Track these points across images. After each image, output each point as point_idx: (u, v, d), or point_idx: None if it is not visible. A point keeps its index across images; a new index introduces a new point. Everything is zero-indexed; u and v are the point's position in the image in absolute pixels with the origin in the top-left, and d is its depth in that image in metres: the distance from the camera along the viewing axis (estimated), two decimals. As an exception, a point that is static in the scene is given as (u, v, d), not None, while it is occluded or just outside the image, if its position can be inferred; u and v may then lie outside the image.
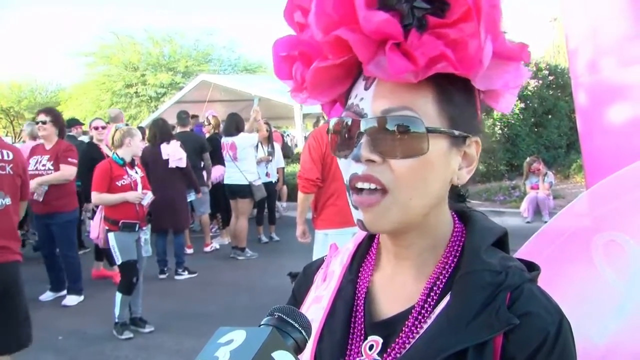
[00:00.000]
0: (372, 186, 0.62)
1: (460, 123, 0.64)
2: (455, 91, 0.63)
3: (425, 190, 0.63)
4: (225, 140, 6.49)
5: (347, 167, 0.64)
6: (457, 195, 0.68)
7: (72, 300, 5.01)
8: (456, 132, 0.64)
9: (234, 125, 6.47)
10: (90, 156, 5.14)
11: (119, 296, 4.10)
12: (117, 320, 4.13)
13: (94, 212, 4.80)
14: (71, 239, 5.11)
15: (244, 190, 6.42)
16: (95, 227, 4.40)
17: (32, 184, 4.69)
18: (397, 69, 0.58)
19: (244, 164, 6.39)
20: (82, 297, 5.07)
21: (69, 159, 4.85)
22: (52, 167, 4.82)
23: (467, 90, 0.64)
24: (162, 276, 5.85)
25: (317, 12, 0.60)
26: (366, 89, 0.64)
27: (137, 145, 4.26)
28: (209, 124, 7.68)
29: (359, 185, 0.62)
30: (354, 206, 0.64)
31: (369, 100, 0.63)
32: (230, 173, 6.47)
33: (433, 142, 0.61)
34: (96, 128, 5.98)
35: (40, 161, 4.85)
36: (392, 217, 0.63)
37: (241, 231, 6.54)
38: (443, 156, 0.63)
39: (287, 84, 0.70)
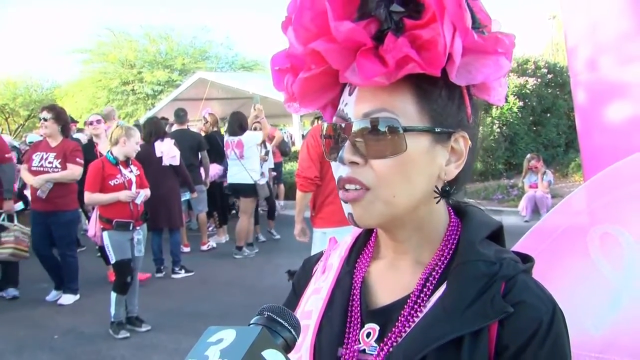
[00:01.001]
0: (357, 187, 0.65)
1: (443, 119, 0.66)
2: (434, 89, 0.65)
3: (409, 187, 0.65)
4: (230, 139, 6.43)
5: (336, 170, 0.68)
6: (441, 190, 0.68)
7: (67, 299, 4.96)
8: (437, 129, 0.65)
9: (238, 123, 6.46)
10: (85, 157, 5.10)
11: (113, 295, 4.08)
12: (113, 320, 4.11)
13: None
14: (72, 238, 5.08)
15: (247, 189, 6.41)
16: (92, 225, 4.39)
17: (38, 180, 4.70)
18: (367, 74, 0.61)
19: (249, 163, 6.39)
20: (78, 296, 5.04)
21: (77, 159, 4.83)
22: (59, 165, 4.78)
23: (449, 86, 0.65)
24: (158, 275, 5.83)
25: (295, 26, 0.64)
26: (350, 94, 0.67)
27: (132, 147, 4.18)
28: (207, 122, 7.65)
29: (346, 186, 0.67)
30: (343, 201, 0.68)
31: (352, 105, 0.66)
32: (235, 172, 6.42)
33: (412, 141, 0.64)
34: (90, 123, 5.92)
35: (46, 158, 4.80)
36: (377, 212, 0.66)
37: (241, 230, 6.52)
38: (425, 153, 0.65)
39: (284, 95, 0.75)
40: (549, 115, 11.45)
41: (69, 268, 5.00)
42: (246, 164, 6.35)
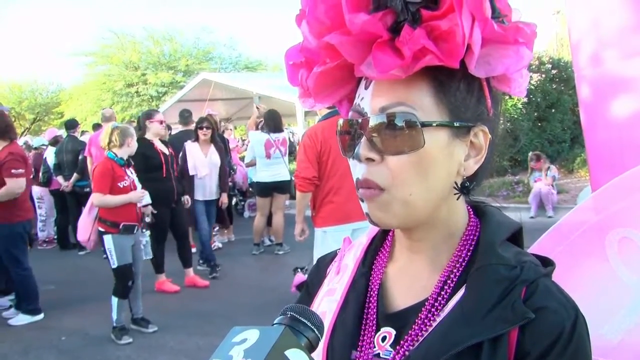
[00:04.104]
0: (371, 190, 0.64)
1: (462, 113, 0.64)
2: (453, 81, 0.63)
3: (427, 184, 0.63)
4: (273, 137, 6.31)
5: (354, 169, 0.66)
6: (461, 186, 0.66)
7: (21, 319, 4.54)
8: (456, 123, 0.63)
9: (280, 121, 6.47)
10: (143, 153, 4.82)
11: (114, 300, 4.04)
12: (115, 325, 4.07)
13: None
14: (13, 254, 4.43)
15: (286, 186, 6.49)
16: (85, 229, 4.17)
17: None
18: (383, 67, 0.59)
19: (286, 160, 6.50)
20: (39, 317, 4.60)
21: (13, 171, 4.19)
22: None
23: (468, 78, 0.63)
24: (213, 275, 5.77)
25: (309, 19, 0.62)
26: (366, 88, 0.65)
27: (135, 145, 4.21)
28: None
29: (362, 190, 0.65)
30: (361, 199, 0.66)
31: (368, 99, 0.64)
32: (278, 169, 6.37)
33: (430, 136, 0.62)
34: (160, 122, 5.18)
35: None
36: (395, 212, 0.63)
37: (279, 227, 6.57)
38: (444, 148, 0.63)
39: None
40: (553, 110, 11.38)
41: (19, 286, 4.58)
42: (286, 161, 6.46)
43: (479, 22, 0.58)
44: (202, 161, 5.66)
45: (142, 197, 4.11)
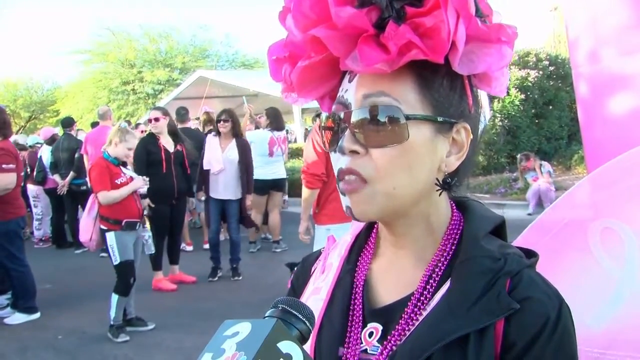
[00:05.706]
0: (355, 177, 0.64)
1: (445, 109, 0.64)
2: (437, 77, 0.63)
3: (410, 178, 0.64)
4: (277, 135, 6.29)
5: (336, 161, 0.66)
6: (442, 182, 0.67)
7: (17, 318, 4.52)
8: (439, 119, 0.64)
9: (282, 119, 6.49)
10: (145, 147, 4.84)
11: (115, 298, 4.02)
12: (112, 323, 4.05)
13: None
14: (8, 251, 4.41)
15: (283, 184, 6.55)
16: (87, 229, 4.16)
17: None
18: (369, 60, 0.59)
19: (284, 158, 6.56)
20: (36, 315, 4.59)
21: (4, 166, 4.19)
22: None
23: (451, 76, 0.64)
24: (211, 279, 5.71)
25: (294, 13, 0.63)
26: (350, 81, 0.65)
27: (122, 151, 4.11)
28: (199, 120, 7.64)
29: (346, 178, 0.65)
30: (341, 193, 0.66)
31: (352, 91, 0.65)
32: (277, 167, 6.41)
33: (415, 130, 0.62)
34: (152, 120, 5.15)
35: None
36: (377, 204, 0.64)
37: (276, 224, 6.58)
38: (428, 143, 0.64)
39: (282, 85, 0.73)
40: (551, 107, 11.40)
41: (17, 283, 4.57)
42: (284, 159, 6.52)
43: (463, 19, 0.59)
44: (216, 156, 5.36)
45: (144, 184, 4.14)
